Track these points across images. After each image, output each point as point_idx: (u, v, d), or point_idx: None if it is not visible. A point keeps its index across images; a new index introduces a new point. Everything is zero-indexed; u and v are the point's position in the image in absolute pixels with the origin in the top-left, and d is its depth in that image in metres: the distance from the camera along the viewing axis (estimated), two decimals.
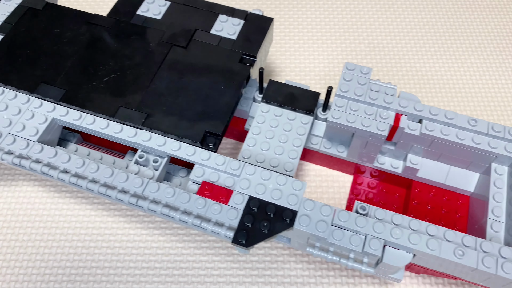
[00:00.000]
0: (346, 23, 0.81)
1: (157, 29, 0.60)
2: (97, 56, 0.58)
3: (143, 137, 0.52)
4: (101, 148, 0.60)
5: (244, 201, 0.48)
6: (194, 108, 0.53)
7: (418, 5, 0.83)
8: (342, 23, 0.81)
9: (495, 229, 0.49)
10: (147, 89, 0.55)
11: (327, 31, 0.80)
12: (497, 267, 0.44)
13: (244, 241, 0.46)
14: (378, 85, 0.57)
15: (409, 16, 0.81)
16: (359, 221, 0.46)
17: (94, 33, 0.60)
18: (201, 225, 0.47)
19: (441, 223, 0.56)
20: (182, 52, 0.58)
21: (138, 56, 0.58)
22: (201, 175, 0.50)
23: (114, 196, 0.49)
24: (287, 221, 0.47)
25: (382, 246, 0.45)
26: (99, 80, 0.56)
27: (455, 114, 0.53)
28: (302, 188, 0.49)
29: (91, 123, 0.53)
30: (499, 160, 0.53)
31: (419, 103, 0.54)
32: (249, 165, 0.50)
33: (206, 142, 0.51)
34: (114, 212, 0.62)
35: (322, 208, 0.47)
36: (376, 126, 0.53)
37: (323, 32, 0.80)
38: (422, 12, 0.82)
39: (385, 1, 0.84)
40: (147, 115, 0.53)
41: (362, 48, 0.78)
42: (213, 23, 0.61)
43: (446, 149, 0.54)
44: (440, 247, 0.45)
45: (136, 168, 0.51)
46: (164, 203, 0.48)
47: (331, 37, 0.79)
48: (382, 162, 0.59)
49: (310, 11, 0.83)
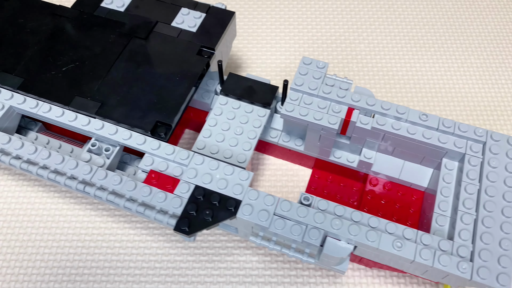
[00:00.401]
0: (314, 19, 0.81)
1: (119, 21, 0.61)
2: (58, 47, 0.58)
3: (95, 126, 0.53)
4: (62, 138, 0.61)
5: (190, 190, 0.48)
6: (148, 98, 0.54)
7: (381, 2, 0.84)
8: (310, 19, 0.81)
9: (440, 223, 0.49)
10: (103, 79, 0.56)
11: (294, 27, 0.80)
12: (434, 259, 0.44)
13: (186, 229, 0.46)
14: (333, 79, 0.57)
15: (378, 13, 0.82)
16: (301, 211, 0.47)
17: (57, 24, 0.61)
18: (144, 212, 0.47)
19: (393, 218, 0.56)
20: (141, 43, 0.59)
21: (98, 47, 0.58)
22: (150, 164, 0.51)
23: (62, 182, 0.49)
24: (231, 210, 0.47)
25: (321, 236, 0.46)
26: (57, 70, 0.56)
27: (406, 108, 0.54)
28: (248, 178, 0.49)
29: (47, 111, 0.54)
30: (450, 155, 0.53)
31: (371, 98, 0.55)
32: (198, 155, 0.51)
33: (157, 132, 0.52)
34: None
35: (265, 198, 0.48)
36: (328, 120, 0.54)
37: (289, 28, 0.80)
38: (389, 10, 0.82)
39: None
40: (101, 104, 0.54)
41: (328, 44, 0.78)
42: (175, 16, 0.61)
43: (398, 143, 0.55)
44: (380, 239, 0.45)
45: (88, 156, 0.52)
46: (111, 190, 0.49)
47: (298, 33, 0.80)
48: (339, 156, 0.60)
49: (275, 4, 0.83)
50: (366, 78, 0.74)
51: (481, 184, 0.49)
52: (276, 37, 0.79)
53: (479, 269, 0.44)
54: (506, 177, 0.49)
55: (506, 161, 0.50)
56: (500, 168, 0.50)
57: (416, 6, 0.83)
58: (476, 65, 0.75)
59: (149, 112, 0.53)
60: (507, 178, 0.49)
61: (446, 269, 0.44)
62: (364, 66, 0.75)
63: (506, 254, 0.45)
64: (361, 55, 0.77)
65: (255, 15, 0.82)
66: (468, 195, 0.49)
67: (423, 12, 0.82)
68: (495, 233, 0.46)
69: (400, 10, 0.83)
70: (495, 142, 0.52)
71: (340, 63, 0.76)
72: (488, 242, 0.45)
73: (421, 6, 0.83)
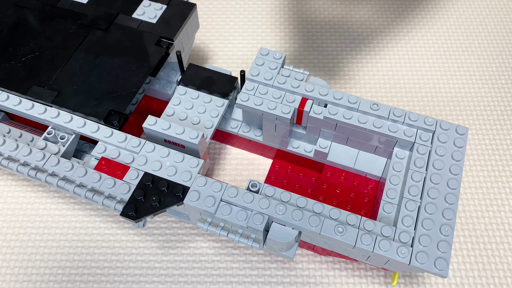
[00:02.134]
0: (278, 12, 0.82)
1: (81, 12, 0.62)
2: (19, 37, 0.59)
3: (51, 114, 0.53)
4: (25, 127, 0.62)
5: (139, 176, 0.49)
6: (103, 87, 0.55)
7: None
8: (275, 12, 0.82)
9: (387, 210, 0.50)
10: (62, 69, 0.56)
11: (258, 20, 0.81)
12: (374, 244, 0.45)
13: (133, 214, 0.47)
14: (289, 70, 0.58)
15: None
16: (246, 197, 0.48)
17: (20, 15, 0.61)
18: (93, 198, 0.48)
19: (347, 207, 0.57)
20: (101, 34, 0.60)
21: (59, 38, 0.59)
22: (103, 152, 0.52)
23: (15, 169, 0.50)
24: (179, 196, 0.48)
25: (265, 221, 0.46)
26: (17, 60, 0.57)
27: (358, 98, 0.54)
28: (198, 166, 0.50)
29: (4, 100, 0.55)
30: (400, 144, 0.54)
31: (324, 88, 0.55)
32: (149, 143, 0.51)
33: (110, 120, 0.53)
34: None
35: (213, 185, 0.48)
36: (281, 109, 0.54)
37: (253, 21, 0.81)
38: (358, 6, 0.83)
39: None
40: (57, 93, 0.54)
41: (291, 37, 0.79)
42: (136, 8, 0.62)
43: (350, 133, 0.55)
44: (322, 224, 0.46)
45: (43, 144, 0.53)
46: (62, 177, 0.50)
47: (261, 26, 0.80)
48: (296, 146, 0.60)
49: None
50: (326, 69, 0.75)
51: (427, 172, 0.50)
52: (239, 30, 0.80)
53: (418, 254, 0.44)
54: (452, 165, 0.50)
55: (453, 149, 0.51)
56: (446, 156, 0.51)
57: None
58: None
59: (104, 101, 0.54)
60: (453, 166, 0.50)
61: (386, 254, 0.45)
62: (324, 58, 0.76)
63: (445, 239, 0.45)
64: (321, 47, 0.77)
65: (220, 8, 0.83)
66: (414, 183, 0.50)
67: (386, 5, 0.83)
68: (437, 219, 0.47)
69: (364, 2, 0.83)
70: (444, 131, 0.52)
71: (301, 55, 0.76)
72: (429, 228, 0.46)
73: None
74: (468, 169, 0.65)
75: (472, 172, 0.65)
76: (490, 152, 0.66)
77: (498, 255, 0.58)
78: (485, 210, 0.62)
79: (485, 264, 0.57)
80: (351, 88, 0.72)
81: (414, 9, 0.82)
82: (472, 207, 0.62)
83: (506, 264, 0.57)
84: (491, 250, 0.58)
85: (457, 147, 0.51)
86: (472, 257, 0.58)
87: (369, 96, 0.71)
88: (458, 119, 0.69)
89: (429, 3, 0.83)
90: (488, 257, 0.58)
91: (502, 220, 0.61)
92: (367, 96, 0.71)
